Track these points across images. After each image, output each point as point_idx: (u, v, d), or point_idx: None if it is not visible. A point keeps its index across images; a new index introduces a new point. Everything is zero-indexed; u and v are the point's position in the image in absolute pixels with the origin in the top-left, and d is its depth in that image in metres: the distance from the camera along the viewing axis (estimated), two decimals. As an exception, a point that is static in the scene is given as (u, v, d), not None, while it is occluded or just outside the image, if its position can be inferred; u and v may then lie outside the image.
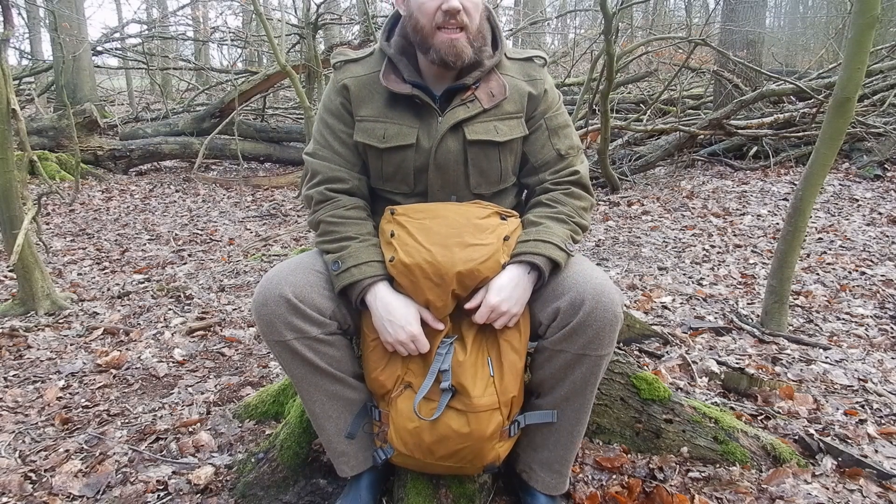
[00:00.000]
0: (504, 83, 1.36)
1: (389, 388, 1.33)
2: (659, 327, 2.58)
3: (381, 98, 1.37)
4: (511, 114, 1.37)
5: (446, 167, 1.35)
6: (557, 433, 1.38)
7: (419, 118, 1.35)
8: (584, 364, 1.28)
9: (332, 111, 1.41)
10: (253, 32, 11.44)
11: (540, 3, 13.40)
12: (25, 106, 8.96)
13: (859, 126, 5.97)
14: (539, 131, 1.40)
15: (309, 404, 1.37)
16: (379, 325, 1.29)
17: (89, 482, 1.65)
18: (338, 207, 1.37)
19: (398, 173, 1.38)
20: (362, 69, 1.39)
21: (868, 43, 2.26)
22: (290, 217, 5.51)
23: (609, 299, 1.24)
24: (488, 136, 1.34)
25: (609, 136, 5.46)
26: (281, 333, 1.26)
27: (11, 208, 2.92)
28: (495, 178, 1.39)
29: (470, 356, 1.28)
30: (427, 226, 1.29)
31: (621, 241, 4.23)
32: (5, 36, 2.87)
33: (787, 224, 2.49)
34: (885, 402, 1.96)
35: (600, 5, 4.68)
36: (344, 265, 1.29)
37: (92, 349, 2.60)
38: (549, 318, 1.29)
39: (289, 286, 1.26)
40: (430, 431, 1.26)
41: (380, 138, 1.35)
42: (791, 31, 15.68)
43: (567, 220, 1.34)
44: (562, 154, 1.40)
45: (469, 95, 1.34)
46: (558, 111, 1.42)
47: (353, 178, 1.40)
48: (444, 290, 1.26)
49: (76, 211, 5.68)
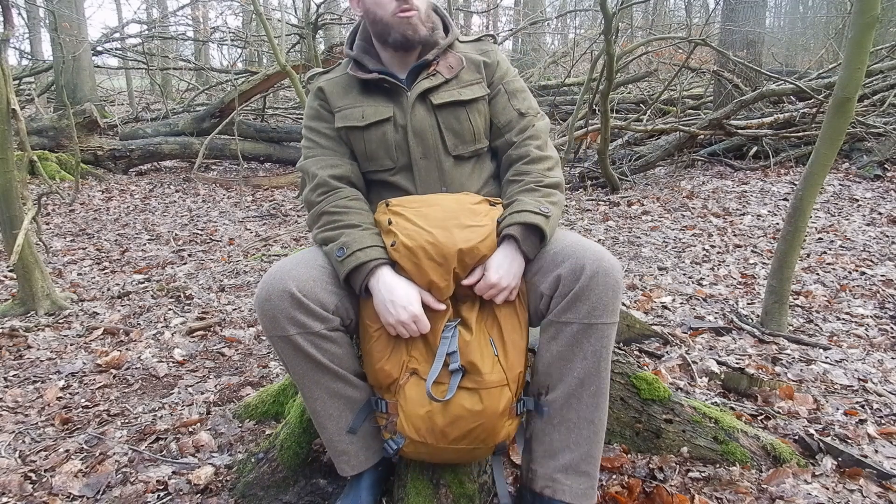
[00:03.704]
0: (461, 57, 1.51)
1: (396, 377, 1.34)
2: (659, 327, 2.58)
3: (354, 90, 1.50)
4: (471, 81, 1.50)
5: (423, 133, 1.45)
6: (578, 428, 1.32)
7: (391, 99, 1.47)
8: (592, 336, 1.27)
9: (312, 116, 1.53)
10: (253, 32, 11.44)
11: (540, 3, 13.41)
12: (25, 106, 8.96)
13: (859, 126, 5.97)
14: (499, 95, 1.52)
15: (310, 402, 1.38)
16: (381, 308, 1.31)
17: (89, 482, 1.65)
18: (340, 198, 1.42)
19: (380, 148, 1.46)
20: (334, 74, 1.55)
21: (868, 43, 2.26)
22: (290, 217, 5.51)
23: (609, 264, 1.26)
24: (452, 98, 1.46)
25: (609, 136, 5.46)
26: (284, 328, 1.27)
27: (11, 208, 2.92)
28: (469, 137, 1.48)
29: (475, 337, 1.31)
30: (424, 212, 1.35)
31: (621, 241, 4.23)
32: (5, 36, 2.87)
33: (787, 224, 2.50)
34: (885, 402, 1.96)
35: (600, 5, 4.68)
36: (349, 250, 1.32)
37: (92, 349, 2.60)
38: (550, 287, 1.30)
39: (292, 281, 1.28)
40: (442, 414, 1.27)
41: (359, 118, 1.46)
42: (791, 31, 15.69)
43: (536, 188, 1.41)
44: (522, 112, 1.51)
45: (432, 70, 1.47)
46: (514, 78, 1.55)
47: (344, 164, 1.48)
48: (446, 270, 1.29)
49: (76, 211, 5.68)
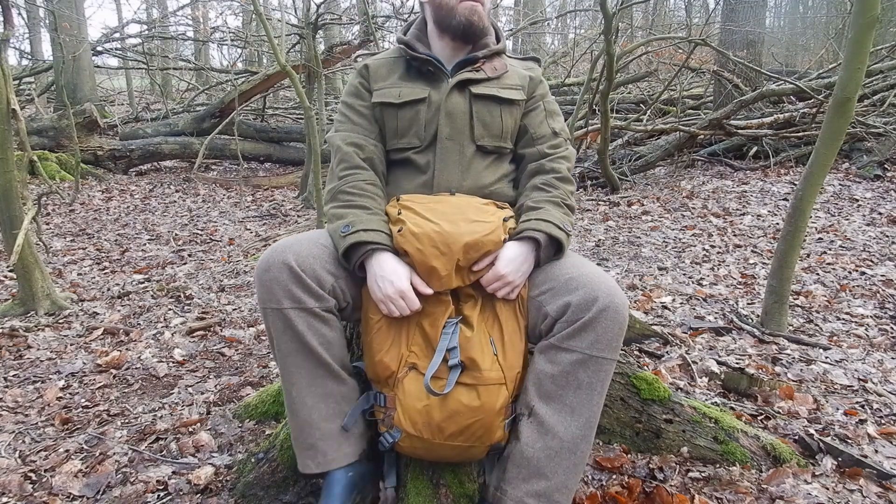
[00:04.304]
0: (506, 63, 1.58)
1: (394, 370, 1.34)
2: (659, 327, 2.58)
3: (397, 72, 1.56)
4: (512, 86, 1.56)
5: (454, 116, 1.50)
6: (559, 457, 1.28)
7: (431, 83, 1.54)
8: (591, 368, 1.27)
9: (351, 92, 1.59)
10: (253, 32, 11.43)
11: (540, 3, 13.40)
12: (25, 106, 8.96)
13: (859, 126, 5.97)
14: (538, 110, 1.59)
15: (287, 385, 1.37)
16: (371, 285, 1.34)
17: (89, 482, 1.65)
18: (358, 180, 1.47)
19: (412, 126, 1.52)
20: (382, 56, 1.62)
21: (868, 43, 2.26)
22: (290, 217, 5.51)
23: (621, 301, 1.28)
24: (491, 92, 1.52)
25: (609, 136, 5.46)
26: (279, 301, 1.29)
27: (11, 208, 2.92)
28: (497, 131, 1.53)
29: (476, 334, 1.32)
30: (433, 207, 1.39)
31: (621, 241, 4.23)
32: (5, 36, 2.87)
33: (787, 224, 2.50)
34: (885, 402, 1.96)
35: (600, 5, 4.68)
36: (353, 228, 1.35)
37: (92, 349, 2.60)
38: (558, 311, 1.30)
39: (292, 255, 1.31)
40: (440, 408, 1.28)
41: (395, 97, 1.52)
42: (791, 31, 15.69)
43: (561, 204, 1.46)
44: (556, 132, 1.58)
45: (477, 66, 1.54)
46: (553, 102, 1.63)
47: (369, 143, 1.53)
48: (449, 259, 1.31)
49: (76, 211, 5.68)
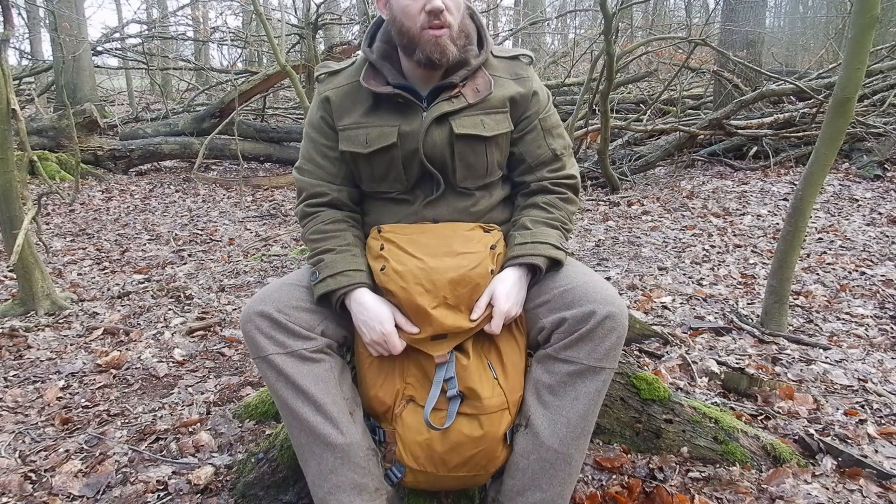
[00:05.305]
0: (490, 79, 1.38)
1: (390, 405, 1.31)
2: (659, 327, 2.58)
3: (363, 105, 1.39)
4: (496, 108, 1.38)
5: (434, 157, 1.37)
6: (554, 468, 1.25)
7: (402, 116, 1.36)
8: (588, 378, 1.23)
9: (314, 125, 1.45)
10: (253, 32, 11.44)
11: (540, 3, 13.41)
12: (25, 106, 8.96)
13: (859, 126, 5.97)
14: (535, 132, 1.43)
15: (293, 436, 1.30)
16: (358, 327, 1.30)
17: (89, 482, 1.65)
18: (317, 223, 1.41)
19: (389, 172, 1.39)
20: (344, 79, 1.42)
21: (868, 43, 2.26)
22: (289, 217, 5.51)
23: (619, 310, 1.23)
24: (475, 130, 1.36)
25: (609, 136, 5.46)
26: (263, 348, 1.25)
27: (11, 208, 2.92)
28: (482, 171, 1.40)
29: (472, 361, 1.27)
30: (415, 239, 1.33)
31: (621, 241, 4.23)
32: (5, 36, 2.86)
33: (787, 224, 2.50)
34: (885, 402, 1.96)
35: (600, 5, 4.68)
36: (320, 275, 1.32)
37: (92, 349, 2.60)
38: (554, 323, 1.26)
39: (271, 303, 1.27)
40: (441, 441, 1.24)
41: (363, 144, 1.37)
42: (791, 31, 15.69)
43: (559, 227, 1.39)
44: (557, 154, 1.44)
45: (455, 92, 1.36)
46: (549, 111, 1.46)
47: (333, 190, 1.43)
48: (434, 296, 1.25)
49: (76, 211, 5.68)
